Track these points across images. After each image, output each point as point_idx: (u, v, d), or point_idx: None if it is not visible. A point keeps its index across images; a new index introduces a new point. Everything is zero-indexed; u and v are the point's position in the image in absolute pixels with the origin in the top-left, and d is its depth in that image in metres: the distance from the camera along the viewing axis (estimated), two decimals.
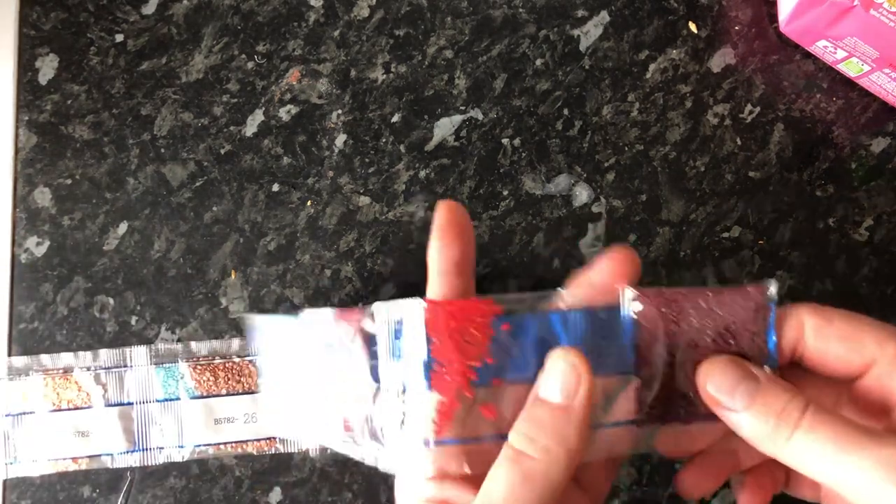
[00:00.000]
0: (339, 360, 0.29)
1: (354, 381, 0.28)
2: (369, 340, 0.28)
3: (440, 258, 0.29)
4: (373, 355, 0.28)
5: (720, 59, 0.44)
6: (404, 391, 0.28)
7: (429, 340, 0.28)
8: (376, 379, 0.28)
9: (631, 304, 0.28)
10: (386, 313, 0.28)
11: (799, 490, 0.30)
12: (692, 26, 0.44)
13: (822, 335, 0.27)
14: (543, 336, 0.27)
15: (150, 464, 0.41)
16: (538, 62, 0.44)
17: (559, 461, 0.25)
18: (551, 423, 0.25)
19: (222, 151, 0.43)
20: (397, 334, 0.28)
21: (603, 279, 0.28)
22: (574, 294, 0.28)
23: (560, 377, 0.26)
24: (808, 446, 0.24)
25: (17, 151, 0.43)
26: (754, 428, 0.25)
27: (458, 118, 0.44)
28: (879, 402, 0.26)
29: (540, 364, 0.27)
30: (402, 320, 0.28)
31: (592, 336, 0.27)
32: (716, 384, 0.26)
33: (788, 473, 0.30)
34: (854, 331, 0.26)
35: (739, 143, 0.44)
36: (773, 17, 0.44)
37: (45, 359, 0.41)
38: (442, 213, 0.29)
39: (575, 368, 0.26)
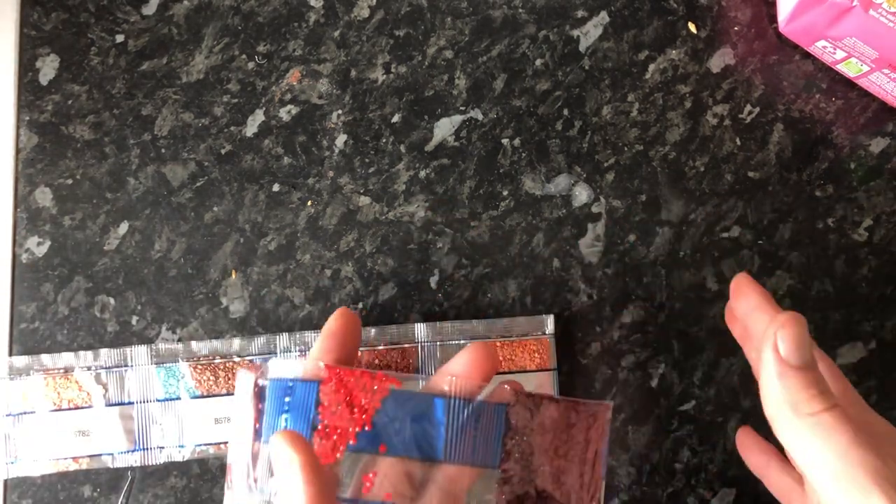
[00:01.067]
0: (237, 411, 0.31)
1: (241, 434, 0.31)
2: (260, 395, 0.31)
3: (323, 357, 0.32)
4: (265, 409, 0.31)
5: (720, 60, 0.44)
6: None
7: (318, 402, 0.30)
8: (259, 434, 0.30)
9: (508, 401, 0.30)
10: (280, 371, 0.31)
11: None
12: (692, 27, 0.44)
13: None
14: (424, 417, 0.29)
15: (150, 463, 0.41)
16: (538, 62, 0.44)
17: None
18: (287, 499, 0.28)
19: (223, 151, 0.43)
20: (288, 391, 0.30)
21: (461, 372, 0.31)
22: (468, 383, 0.30)
23: (276, 459, 0.28)
24: (821, 430, 0.27)
25: (17, 151, 0.43)
26: (790, 389, 0.28)
27: (458, 118, 0.44)
28: None
29: (417, 443, 0.29)
30: (296, 380, 0.30)
31: (472, 426, 0.30)
32: (795, 337, 0.28)
33: None
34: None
35: (739, 143, 0.44)
36: (773, 18, 0.44)
37: (46, 358, 0.41)
38: (332, 322, 0.33)
39: (286, 449, 0.28)
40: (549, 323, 0.42)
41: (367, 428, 0.29)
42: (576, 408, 0.31)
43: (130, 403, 0.41)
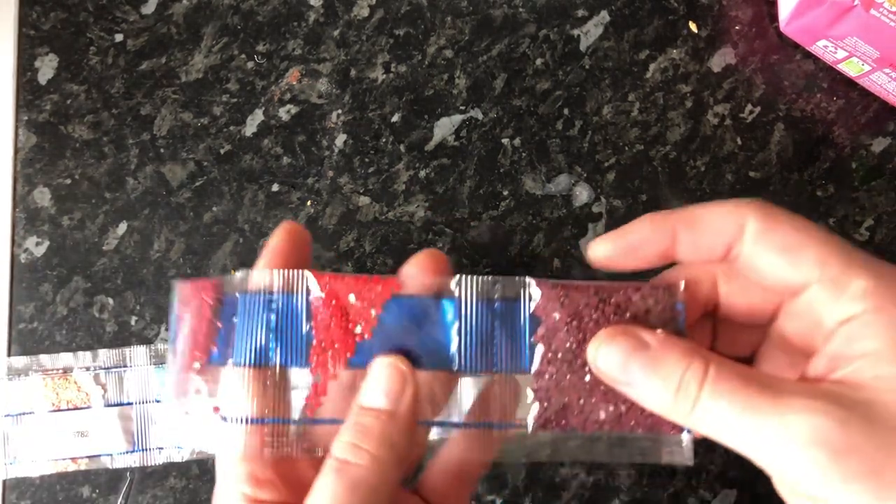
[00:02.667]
0: (175, 329, 0.27)
1: (181, 355, 0.27)
2: (220, 311, 0.27)
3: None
4: (229, 326, 0.26)
5: (720, 59, 0.44)
6: (259, 364, 0.26)
7: (309, 315, 0.26)
8: (221, 355, 0.26)
9: (531, 295, 0.26)
10: (257, 284, 0.27)
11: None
12: (692, 26, 0.44)
13: (762, 240, 0.24)
14: (431, 321, 0.26)
15: (149, 464, 0.41)
16: (538, 62, 0.44)
17: (386, 466, 0.24)
18: (377, 428, 0.24)
19: (222, 151, 0.43)
20: (270, 306, 0.26)
21: (415, 273, 0.27)
22: (479, 283, 0.26)
23: (385, 382, 0.25)
24: (712, 417, 0.22)
25: (16, 151, 0.43)
26: (657, 402, 0.23)
27: (458, 118, 0.43)
28: (804, 336, 0.24)
29: (426, 352, 0.26)
30: (279, 293, 0.26)
31: (487, 327, 0.26)
32: (606, 361, 0.24)
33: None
34: (799, 242, 0.24)
35: (740, 142, 0.44)
36: (774, 17, 0.44)
37: (45, 359, 0.41)
38: (274, 237, 0.28)
39: (400, 373, 0.25)
40: None
41: (367, 338, 0.26)
42: (622, 292, 0.26)
43: (129, 404, 0.41)
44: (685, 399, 0.22)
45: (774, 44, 0.44)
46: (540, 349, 0.26)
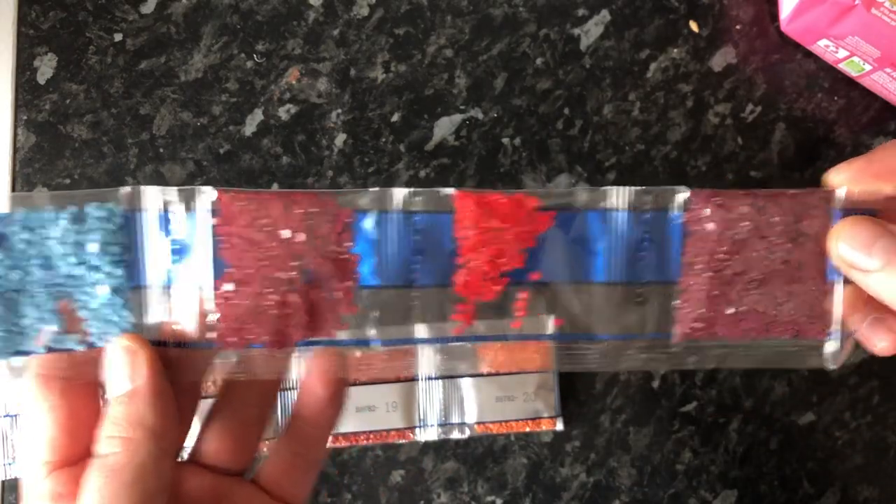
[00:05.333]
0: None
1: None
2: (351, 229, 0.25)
3: None
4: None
5: (721, 59, 0.44)
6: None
7: (453, 238, 0.25)
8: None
9: (681, 205, 0.26)
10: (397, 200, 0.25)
11: None
12: (693, 25, 0.44)
13: None
14: (584, 235, 0.25)
15: None
16: (538, 61, 0.44)
17: (139, 445, 0.24)
18: (122, 413, 0.24)
19: (221, 151, 0.43)
20: (406, 222, 0.25)
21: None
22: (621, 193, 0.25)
23: (118, 368, 0.24)
24: None
25: (15, 151, 0.43)
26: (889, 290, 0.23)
27: (458, 117, 0.43)
28: None
29: (570, 265, 0.25)
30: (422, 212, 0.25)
31: (636, 239, 0.25)
32: (849, 241, 0.23)
33: None
34: None
35: (741, 142, 0.44)
36: (775, 16, 0.44)
37: None
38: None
39: (123, 352, 0.24)
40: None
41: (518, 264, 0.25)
42: (776, 200, 0.26)
43: None
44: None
45: (775, 43, 0.44)
46: (689, 259, 0.25)
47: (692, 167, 0.43)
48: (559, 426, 0.41)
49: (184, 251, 0.25)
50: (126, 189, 0.25)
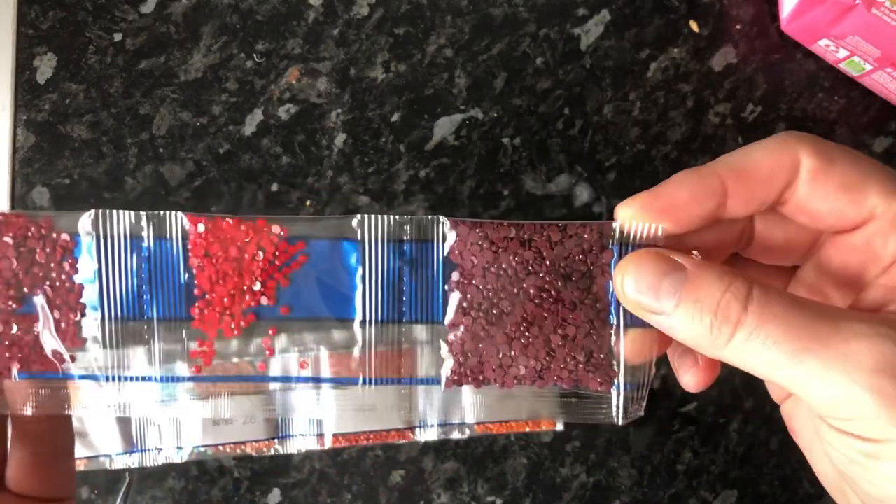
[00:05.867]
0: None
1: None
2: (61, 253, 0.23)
3: None
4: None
5: (721, 58, 0.44)
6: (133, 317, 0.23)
7: (188, 266, 0.23)
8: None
9: (445, 236, 0.23)
10: (122, 223, 0.23)
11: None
12: (693, 25, 0.44)
13: (819, 181, 0.22)
14: (337, 268, 0.23)
15: (148, 465, 0.41)
16: (539, 61, 0.44)
17: None
18: None
19: (221, 151, 0.43)
20: (133, 247, 0.23)
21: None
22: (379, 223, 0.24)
23: None
24: (756, 347, 0.20)
25: (15, 151, 0.43)
26: (689, 330, 0.20)
27: (458, 117, 0.43)
28: (856, 268, 0.23)
29: (326, 301, 0.23)
30: (148, 236, 0.23)
31: (396, 273, 0.23)
32: (635, 283, 0.21)
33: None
34: (859, 179, 0.22)
35: (741, 142, 0.44)
36: (775, 16, 0.44)
37: None
38: None
39: None
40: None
41: (266, 299, 0.23)
42: (546, 232, 0.23)
43: None
44: (725, 324, 0.20)
45: (775, 43, 0.44)
46: (455, 297, 0.23)
47: (692, 167, 0.43)
48: (559, 426, 0.41)
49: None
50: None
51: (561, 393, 0.24)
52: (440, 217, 0.23)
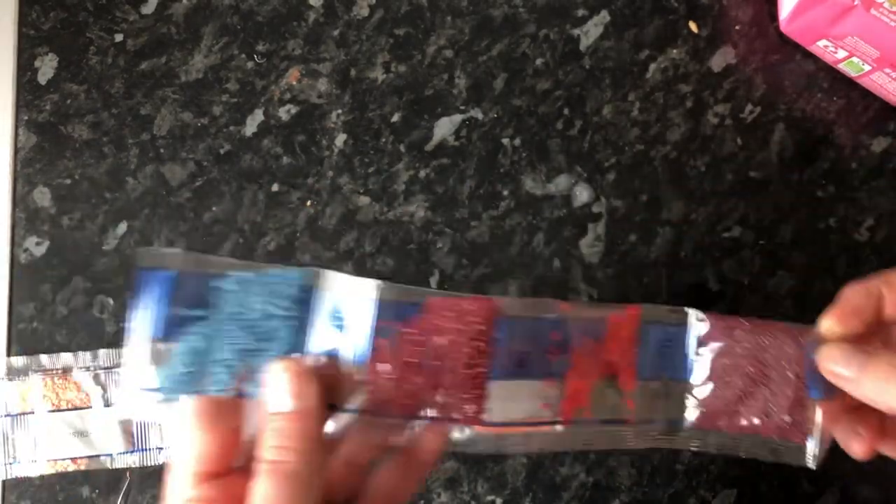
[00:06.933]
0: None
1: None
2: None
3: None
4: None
5: (721, 59, 0.44)
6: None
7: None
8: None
9: (698, 324, 0.32)
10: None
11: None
12: (692, 26, 0.44)
13: None
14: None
15: (149, 464, 0.41)
16: (538, 62, 0.44)
17: (313, 457, 0.27)
18: (293, 428, 0.27)
19: (222, 151, 0.43)
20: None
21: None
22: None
23: (285, 386, 0.27)
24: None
25: (16, 151, 0.43)
26: (871, 386, 0.29)
27: (458, 118, 0.43)
28: None
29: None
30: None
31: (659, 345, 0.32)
32: (833, 358, 0.30)
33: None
34: None
35: (740, 142, 0.44)
36: (774, 17, 0.44)
37: (45, 359, 0.41)
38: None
39: (296, 373, 0.27)
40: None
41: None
42: (773, 337, 0.32)
43: None
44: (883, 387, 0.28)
45: (775, 43, 0.44)
46: (704, 366, 0.31)
47: (691, 167, 0.43)
48: (558, 426, 0.41)
49: (347, 328, 0.29)
50: (311, 269, 0.29)
51: (769, 441, 0.32)
52: (693, 311, 0.32)
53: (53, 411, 0.40)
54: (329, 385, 0.28)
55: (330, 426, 0.29)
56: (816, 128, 0.44)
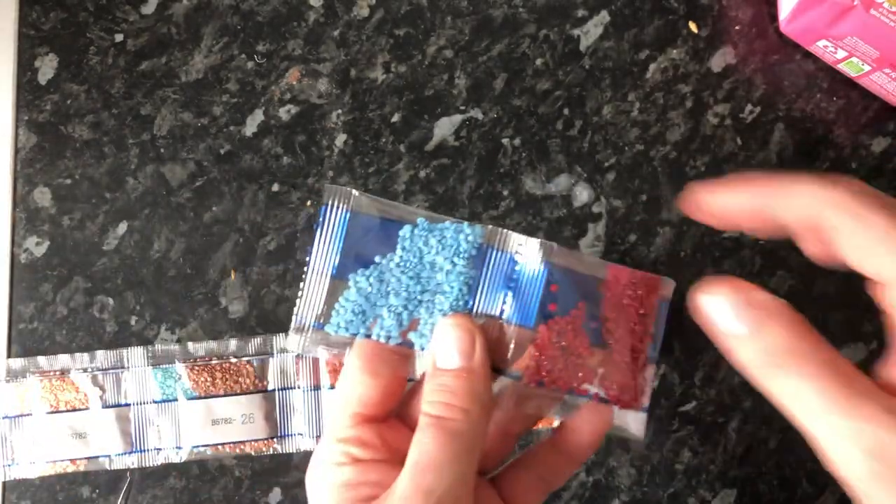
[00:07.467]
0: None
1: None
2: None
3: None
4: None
5: (720, 59, 0.44)
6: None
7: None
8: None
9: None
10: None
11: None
12: (692, 26, 0.44)
13: (851, 231, 0.23)
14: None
15: (147, 465, 0.41)
16: (538, 62, 0.44)
17: (477, 417, 0.26)
18: (461, 386, 0.26)
19: (222, 151, 0.43)
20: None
21: None
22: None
23: (455, 343, 0.27)
24: (789, 391, 0.22)
25: (16, 151, 0.43)
26: (747, 358, 0.23)
27: (458, 118, 0.43)
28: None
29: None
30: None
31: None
32: (716, 311, 0.24)
33: None
34: (885, 239, 0.22)
35: (740, 142, 0.44)
36: (774, 17, 0.44)
37: (42, 360, 0.41)
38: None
39: (468, 331, 0.27)
40: None
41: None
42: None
43: (127, 405, 0.41)
44: (772, 365, 0.22)
45: (774, 44, 0.44)
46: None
47: (691, 167, 0.43)
48: (557, 424, 0.41)
49: (517, 290, 0.28)
50: (489, 227, 0.29)
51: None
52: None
53: (51, 413, 0.40)
54: (492, 347, 0.28)
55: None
56: (816, 128, 0.44)
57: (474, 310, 0.28)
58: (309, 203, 0.43)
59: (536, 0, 0.44)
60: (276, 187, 0.43)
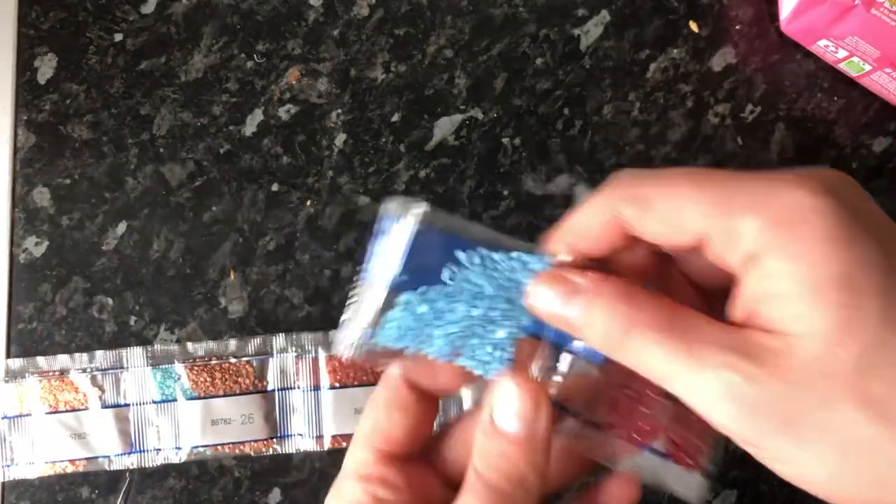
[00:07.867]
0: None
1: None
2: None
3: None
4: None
5: (721, 59, 0.44)
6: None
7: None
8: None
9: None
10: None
11: None
12: (693, 25, 0.44)
13: (642, 224, 0.23)
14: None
15: (147, 465, 0.41)
16: (538, 61, 0.44)
17: (534, 490, 0.25)
18: (521, 454, 0.25)
19: (221, 151, 0.43)
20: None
21: None
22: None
23: (517, 406, 0.25)
24: (641, 359, 0.22)
25: (15, 151, 0.43)
26: (594, 340, 0.23)
27: (458, 117, 0.43)
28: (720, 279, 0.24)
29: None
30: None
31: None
32: (545, 305, 0.25)
33: None
34: (674, 210, 0.23)
35: (740, 142, 0.44)
36: (774, 17, 0.44)
37: (41, 361, 0.41)
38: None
39: (533, 396, 0.25)
40: None
41: None
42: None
43: (126, 405, 0.41)
44: (616, 343, 0.23)
45: (775, 43, 0.44)
46: None
47: (692, 167, 0.43)
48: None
49: None
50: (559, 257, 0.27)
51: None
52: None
53: (51, 413, 0.40)
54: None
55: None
56: (817, 128, 0.44)
57: (540, 336, 0.27)
58: (309, 203, 0.43)
59: (536, 0, 0.44)
60: (275, 187, 0.43)
